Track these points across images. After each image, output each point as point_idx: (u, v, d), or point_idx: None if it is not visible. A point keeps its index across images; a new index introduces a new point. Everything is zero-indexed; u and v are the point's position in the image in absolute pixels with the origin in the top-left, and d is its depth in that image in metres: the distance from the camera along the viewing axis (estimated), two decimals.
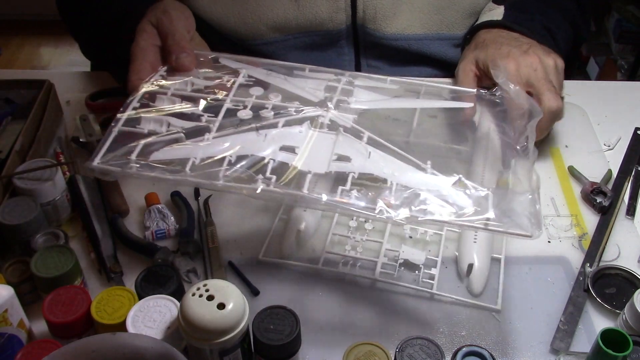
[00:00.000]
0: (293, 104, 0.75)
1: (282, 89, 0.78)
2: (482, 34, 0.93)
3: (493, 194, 0.66)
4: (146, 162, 0.67)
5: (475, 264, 0.75)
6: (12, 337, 0.64)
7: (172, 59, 0.80)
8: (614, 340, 0.56)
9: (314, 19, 0.99)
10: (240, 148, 0.68)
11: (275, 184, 0.65)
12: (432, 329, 0.72)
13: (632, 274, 0.76)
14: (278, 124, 0.72)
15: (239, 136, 0.70)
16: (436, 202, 0.65)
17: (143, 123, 0.72)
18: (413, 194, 0.66)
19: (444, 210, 0.65)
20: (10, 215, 0.74)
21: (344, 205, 0.65)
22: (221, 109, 0.74)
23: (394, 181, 0.66)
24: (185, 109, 0.74)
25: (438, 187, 0.67)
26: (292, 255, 0.79)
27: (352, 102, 0.77)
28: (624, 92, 1.07)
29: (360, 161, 0.69)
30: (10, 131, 0.90)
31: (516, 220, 0.64)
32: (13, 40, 2.89)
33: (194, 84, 0.79)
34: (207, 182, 0.66)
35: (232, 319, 0.59)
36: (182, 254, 0.77)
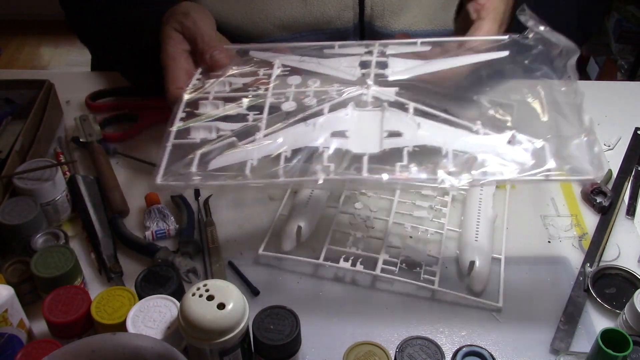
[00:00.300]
0: (333, 86, 0.76)
1: (318, 74, 0.79)
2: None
3: (549, 143, 0.66)
4: (207, 172, 0.68)
5: (477, 262, 0.75)
6: (12, 337, 0.64)
7: (207, 58, 0.81)
8: (614, 340, 0.56)
9: (321, 17, 0.99)
10: (293, 142, 0.69)
11: (335, 171, 0.66)
12: (432, 329, 0.72)
13: (632, 274, 0.76)
14: (323, 110, 0.73)
15: (288, 130, 0.71)
16: (495, 162, 0.65)
17: (193, 133, 0.73)
18: (470, 158, 0.66)
19: (504, 169, 0.65)
20: (10, 215, 0.74)
21: (406, 181, 0.65)
22: (264, 104, 0.75)
23: (448, 148, 0.66)
24: (230, 110, 0.75)
25: (493, 146, 0.67)
26: (292, 251, 0.79)
27: (390, 74, 0.77)
28: (624, 92, 1.07)
29: (411, 134, 0.69)
30: (10, 131, 0.90)
31: (577, 165, 0.64)
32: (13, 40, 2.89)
33: (232, 83, 0.79)
34: (269, 182, 0.67)
35: (232, 319, 0.59)
36: (182, 254, 0.77)
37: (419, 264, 0.76)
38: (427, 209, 0.83)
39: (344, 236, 0.80)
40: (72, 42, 2.86)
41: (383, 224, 0.82)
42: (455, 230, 0.81)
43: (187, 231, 0.80)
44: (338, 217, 0.82)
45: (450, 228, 0.81)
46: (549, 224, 0.84)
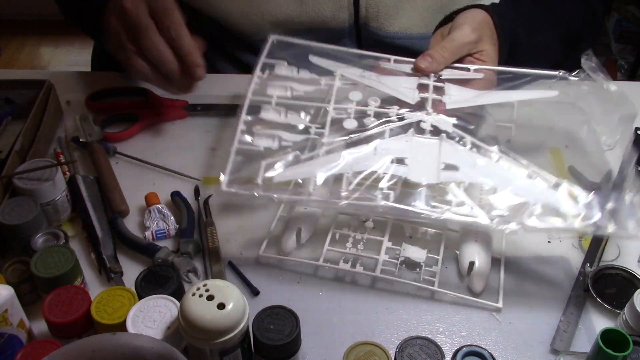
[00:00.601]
0: (392, 108, 0.79)
1: (377, 91, 0.81)
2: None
3: (597, 196, 0.69)
4: (271, 184, 0.71)
5: (476, 263, 0.75)
6: (12, 337, 0.64)
7: (195, 73, 0.84)
8: (614, 340, 0.56)
9: (316, 17, 0.99)
10: (354, 163, 0.72)
11: (394, 198, 0.69)
12: (432, 329, 0.72)
13: (632, 274, 0.76)
14: (385, 133, 0.76)
15: (350, 150, 0.74)
16: (543, 210, 0.69)
17: (256, 139, 0.76)
18: (521, 204, 0.69)
19: (552, 220, 0.68)
20: (10, 215, 0.74)
21: (463, 220, 0.69)
22: (327, 119, 0.78)
23: (501, 190, 0.70)
24: (293, 120, 0.79)
25: (545, 194, 0.71)
26: (292, 252, 0.79)
27: (448, 102, 0.80)
28: None
29: (467, 170, 0.72)
30: (10, 131, 0.90)
31: (622, 222, 0.67)
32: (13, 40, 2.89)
33: (294, 90, 0.82)
34: (330, 202, 0.71)
35: (232, 319, 0.59)
36: (182, 254, 0.77)
37: (419, 264, 0.76)
38: None
39: (344, 237, 0.80)
40: (72, 42, 2.86)
41: (383, 224, 0.81)
42: (455, 231, 0.81)
43: (187, 231, 0.80)
44: (338, 217, 0.82)
45: (450, 228, 0.81)
46: None
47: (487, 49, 0.87)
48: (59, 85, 0.96)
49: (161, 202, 0.84)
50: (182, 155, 0.93)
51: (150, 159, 0.91)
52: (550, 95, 0.85)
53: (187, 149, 0.94)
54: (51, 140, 0.94)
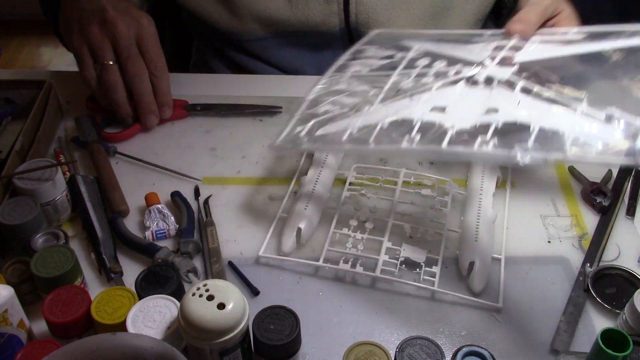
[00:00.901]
0: (455, 66, 0.76)
1: (449, 56, 0.80)
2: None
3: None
4: (313, 137, 0.73)
5: (476, 263, 0.75)
6: (12, 337, 0.64)
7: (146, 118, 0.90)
8: (614, 340, 0.56)
9: (306, 21, 0.99)
10: (393, 113, 0.71)
11: (418, 142, 0.67)
12: (432, 329, 0.72)
13: (632, 274, 0.76)
14: (432, 87, 0.74)
15: (394, 103, 0.73)
16: (576, 141, 0.62)
17: (320, 106, 0.78)
18: (555, 134, 0.63)
19: (582, 150, 0.61)
20: (10, 215, 0.74)
21: (483, 155, 0.66)
22: (387, 82, 0.78)
23: (536, 125, 0.64)
24: (357, 87, 0.79)
25: (584, 126, 0.64)
26: (292, 252, 0.79)
27: (517, 56, 0.76)
28: None
29: (508, 110, 0.67)
30: (10, 131, 0.90)
31: None
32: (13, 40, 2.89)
33: (371, 66, 0.83)
34: (359, 148, 0.71)
35: (232, 319, 0.59)
36: (182, 254, 0.77)
37: (419, 264, 0.76)
38: (427, 209, 0.83)
39: (344, 237, 0.80)
40: None
41: (383, 224, 0.82)
42: (455, 231, 0.81)
43: (187, 231, 0.80)
44: (338, 217, 0.82)
45: (450, 228, 0.81)
46: (549, 224, 0.84)
47: (565, 9, 0.84)
48: (59, 85, 0.96)
49: (161, 202, 0.84)
50: (182, 155, 0.93)
51: (150, 159, 0.91)
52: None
53: (187, 149, 0.94)
54: (51, 140, 0.94)
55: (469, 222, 0.80)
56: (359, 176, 0.88)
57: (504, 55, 0.77)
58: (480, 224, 0.79)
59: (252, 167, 0.91)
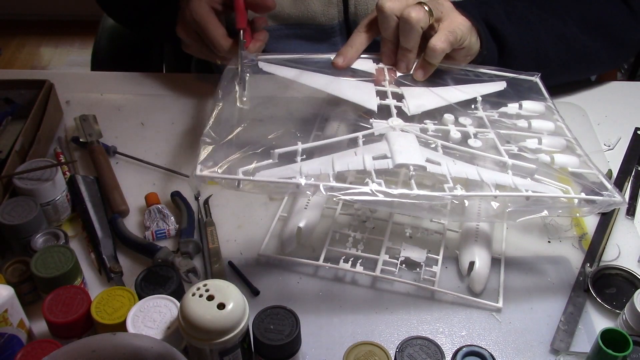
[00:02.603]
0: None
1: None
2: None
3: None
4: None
5: (477, 262, 0.75)
6: (12, 337, 0.64)
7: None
8: (614, 340, 0.56)
9: (306, 11, 0.99)
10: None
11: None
12: (432, 329, 0.72)
13: (632, 274, 0.76)
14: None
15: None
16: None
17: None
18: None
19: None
20: (10, 215, 0.74)
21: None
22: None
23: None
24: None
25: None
26: (292, 252, 0.79)
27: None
28: (624, 92, 1.07)
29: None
30: (10, 131, 0.90)
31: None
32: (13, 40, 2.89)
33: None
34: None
35: (232, 319, 0.59)
36: (182, 254, 0.77)
37: (419, 264, 0.76)
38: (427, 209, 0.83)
39: (344, 237, 0.80)
40: (72, 42, 2.86)
41: (383, 224, 0.81)
42: (455, 231, 0.81)
43: (187, 231, 0.80)
44: (338, 217, 0.82)
45: (450, 228, 0.81)
46: (549, 224, 0.84)
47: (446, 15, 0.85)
48: (59, 85, 0.96)
49: (161, 202, 0.84)
50: (182, 155, 0.93)
51: (150, 159, 0.91)
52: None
53: (187, 149, 0.94)
54: (51, 140, 0.94)
55: (469, 222, 0.80)
56: (359, 176, 0.88)
57: (395, 104, 0.81)
58: (480, 224, 0.79)
59: None
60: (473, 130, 0.80)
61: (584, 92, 1.05)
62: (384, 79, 0.86)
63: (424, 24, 0.81)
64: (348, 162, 0.71)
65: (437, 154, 0.75)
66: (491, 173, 0.73)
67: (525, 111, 0.86)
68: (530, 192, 0.70)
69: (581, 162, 0.78)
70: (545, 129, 0.83)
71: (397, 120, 0.79)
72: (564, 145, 0.81)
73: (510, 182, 0.72)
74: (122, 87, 1.05)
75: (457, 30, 0.83)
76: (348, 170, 0.70)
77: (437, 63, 0.85)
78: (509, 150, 0.78)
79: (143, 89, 1.05)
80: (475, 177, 0.72)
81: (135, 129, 0.97)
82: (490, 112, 0.85)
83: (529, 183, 0.72)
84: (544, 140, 0.81)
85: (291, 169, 0.70)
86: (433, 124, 0.80)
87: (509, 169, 0.75)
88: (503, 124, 0.83)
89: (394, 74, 0.87)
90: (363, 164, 0.70)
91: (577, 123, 0.99)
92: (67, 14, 2.87)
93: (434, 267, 0.76)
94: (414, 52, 0.85)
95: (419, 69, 0.86)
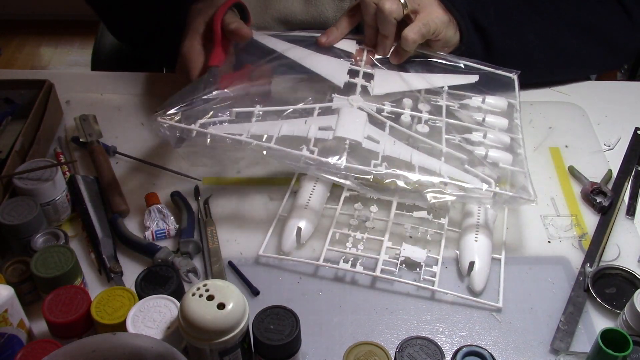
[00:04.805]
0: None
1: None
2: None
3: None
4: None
5: (477, 262, 0.75)
6: (12, 337, 0.64)
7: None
8: (614, 340, 0.56)
9: (318, 17, 0.99)
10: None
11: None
12: (432, 329, 0.72)
13: (632, 274, 0.76)
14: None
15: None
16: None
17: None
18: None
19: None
20: (10, 215, 0.74)
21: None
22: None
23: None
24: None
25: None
26: (292, 252, 0.79)
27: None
28: (624, 92, 1.07)
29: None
30: (10, 131, 0.90)
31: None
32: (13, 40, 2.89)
33: None
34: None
35: (232, 319, 0.59)
36: (182, 254, 0.77)
37: (419, 264, 0.76)
38: (426, 209, 0.83)
39: (344, 237, 0.80)
40: (72, 42, 2.86)
41: (383, 224, 0.81)
42: (455, 231, 0.81)
43: (187, 231, 0.80)
44: (338, 217, 0.82)
45: (450, 228, 0.81)
46: (549, 224, 0.84)
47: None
48: (59, 85, 0.96)
49: (161, 202, 0.84)
50: None
51: (150, 159, 0.91)
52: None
53: None
54: (51, 140, 0.94)
55: (468, 222, 0.80)
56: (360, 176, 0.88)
57: (362, 83, 0.87)
58: (480, 224, 0.79)
59: (252, 167, 0.91)
60: (426, 117, 0.85)
61: (584, 92, 1.05)
62: (362, 59, 0.91)
63: (397, 15, 0.86)
64: (294, 128, 0.78)
65: (382, 134, 0.80)
66: (424, 157, 0.78)
67: (487, 106, 0.89)
68: (447, 179, 0.75)
69: (516, 161, 0.82)
70: (498, 125, 0.87)
71: (357, 98, 0.84)
72: (507, 143, 0.85)
73: (437, 168, 0.77)
74: (122, 87, 1.05)
75: (432, 22, 0.87)
76: (293, 135, 0.77)
77: (411, 50, 0.89)
78: (451, 139, 0.83)
79: (143, 89, 1.05)
80: (407, 158, 0.77)
81: (135, 129, 0.97)
82: (451, 102, 0.89)
83: (456, 172, 0.78)
84: (488, 134, 0.85)
85: (242, 127, 0.77)
86: (390, 105, 0.85)
87: (442, 156, 0.80)
88: (460, 116, 0.88)
89: (373, 55, 0.91)
90: (307, 132, 0.77)
91: (577, 123, 0.99)
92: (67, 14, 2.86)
93: (434, 267, 0.76)
94: (391, 39, 0.89)
95: (394, 53, 0.90)
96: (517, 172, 0.81)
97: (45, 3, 2.87)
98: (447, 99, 0.89)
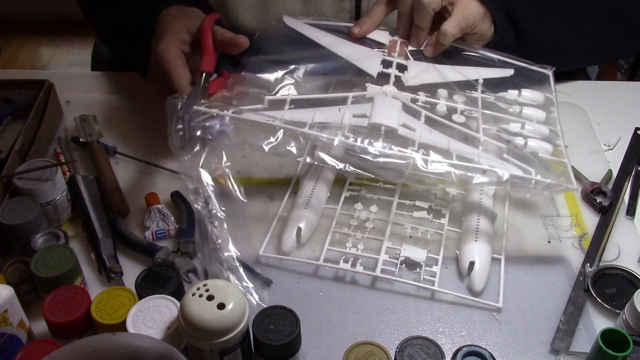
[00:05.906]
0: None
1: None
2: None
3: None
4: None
5: (477, 262, 0.75)
6: (12, 337, 0.64)
7: None
8: (614, 340, 0.56)
9: (316, 14, 0.99)
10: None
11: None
12: (432, 329, 0.72)
13: (632, 274, 0.76)
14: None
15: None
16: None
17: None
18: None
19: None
20: (10, 215, 0.74)
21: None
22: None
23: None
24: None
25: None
26: (292, 252, 0.79)
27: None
28: (624, 92, 1.07)
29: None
30: (10, 131, 0.90)
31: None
32: (13, 40, 2.89)
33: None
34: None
35: (232, 319, 0.59)
36: (182, 254, 0.77)
37: (419, 264, 0.76)
38: (426, 209, 0.83)
39: (344, 237, 0.80)
40: (72, 42, 2.86)
41: (383, 224, 0.81)
42: (455, 231, 0.81)
43: (187, 231, 0.80)
44: (338, 217, 0.82)
45: (450, 228, 0.81)
46: (549, 224, 0.84)
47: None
48: (59, 85, 0.96)
49: (161, 202, 0.84)
50: None
51: (150, 159, 0.91)
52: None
53: None
54: (51, 140, 0.94)
55: (469, 222, 0.80)
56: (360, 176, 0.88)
57: (396, 74, 0.87)
58: (480, 224, 0.79)
59: (252, 167, 0.91)
60: (461, 108, 0.85)
61: (584, 92, 1.05)
62: (395, 51, 0.90)
63: (436, 6, 0.86)
64: (328, 115, 0.78)
65: (417, 122, 0.80)
66: (462, 146, 0.78)
67: (523, 99, 0.89)
68: (487, 167, 0.75)
69: (557, 151, 0.82)
70: (536, 118, 0.87)
71: (391, 87, 0.84)
72: (545, 134, 0.84)
73: (475, 156, 0.77)
74: (122, 87, 1.05)
75: (470, 16, 0.87)
76: (327, 122, 0.77)
77: (447, 44, 0.89)
78: (488, 129, 0.83)
79: (143, 89, 1.04)
80: (444, 146, 0.77)
81: (135, 129, 0.97)
82: (487, 94, 0.88)
83: (496, 161, 0.77)
84: (526, 126, 0.84)
85: (274, 115, 0.78)
86: (425, 96, 0.85)
87: (480, 145, 0.79)
88: (497, 108, 0.87)
89: (406, 47, 0.91)
90: (342, 119, 0.78)
91: (577, 123, 0.99)
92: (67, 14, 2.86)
93: (434, 267, 0.76)
94: (426, 31, 0.89)
95: (429, 45, 0.90)
96: (557, 162, 0.80)
97: (45, 3, 2.87)
98: (483, 92, 0.88)
